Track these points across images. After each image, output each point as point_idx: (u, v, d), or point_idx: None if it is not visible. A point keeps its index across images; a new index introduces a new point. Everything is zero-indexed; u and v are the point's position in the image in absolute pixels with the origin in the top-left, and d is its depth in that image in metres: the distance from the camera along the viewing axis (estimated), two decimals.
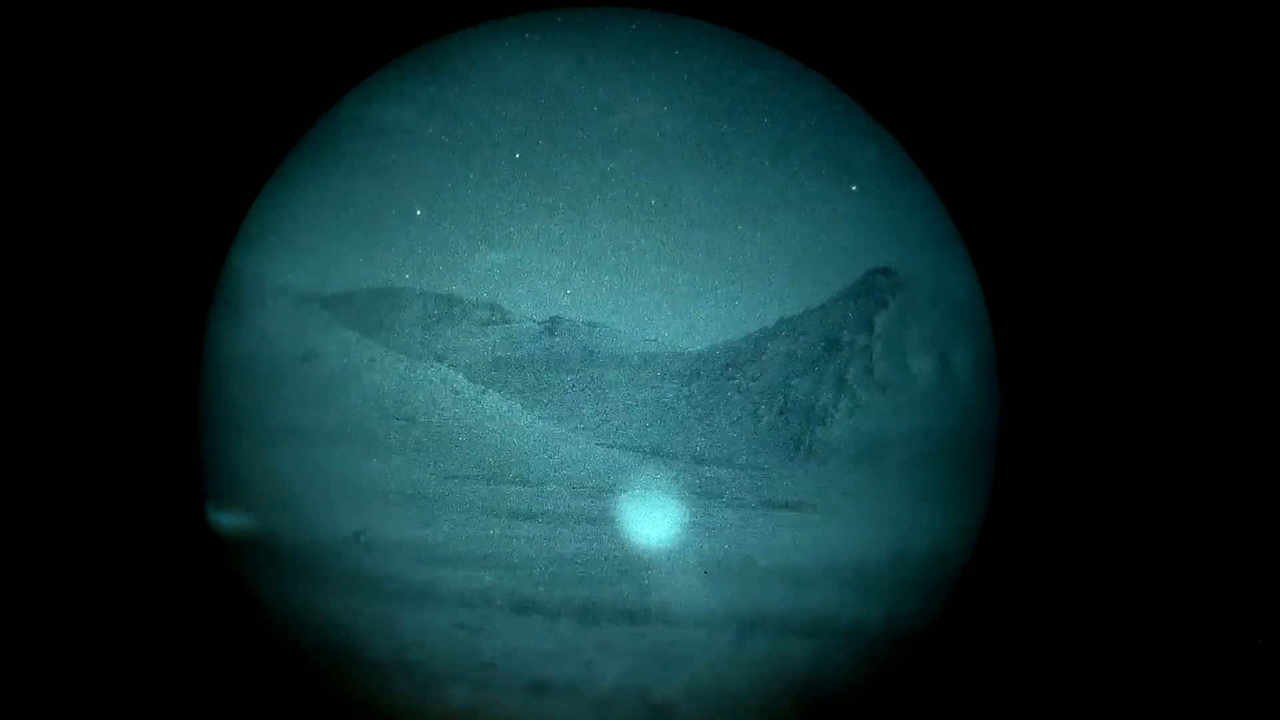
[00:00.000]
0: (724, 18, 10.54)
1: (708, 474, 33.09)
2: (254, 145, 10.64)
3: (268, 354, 31.54)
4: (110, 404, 10.00)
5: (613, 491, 27.60)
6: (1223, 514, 9.26)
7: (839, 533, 21.57)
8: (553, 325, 47.37)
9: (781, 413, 39.18)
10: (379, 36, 10.83)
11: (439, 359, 40.05)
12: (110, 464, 9.95)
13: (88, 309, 10.05)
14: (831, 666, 10.45)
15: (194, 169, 10.36)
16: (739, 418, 39.70)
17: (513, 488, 27.09)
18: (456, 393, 35.22)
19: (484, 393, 36.20)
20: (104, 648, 9.66)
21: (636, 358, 44.83)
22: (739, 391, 40.99)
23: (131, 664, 9.60)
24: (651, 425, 39.64)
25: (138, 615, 9.81)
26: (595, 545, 17.63)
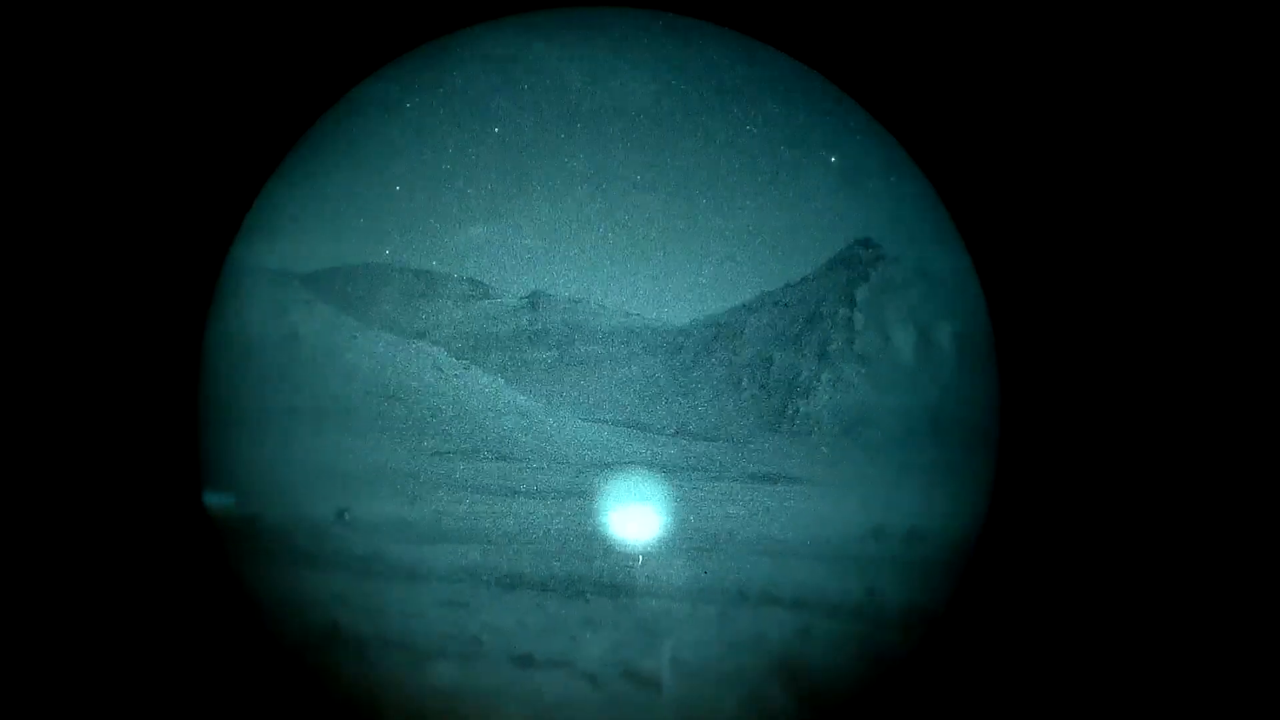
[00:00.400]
0: (725, 17, 10.59)
1: (691, 448, 33.24)
2: (255, 142, 10.63)
3: (249, 335, 31.41)
4: (101, 393, 10.00)
5: (596, 466, 27.70)
6: (1217, 504, 9.35)
7: (822, 505, 21.74)
8: (534, 300, 47.26)
9: (764, 386, 39.35)
10: (381, 35, 10.82)
11: (420, 336, 39.95)
12: (100, 451, 9.96)
13: (79, 300, 10.04)
14: (814, 639, 10.59)
15: (191, 164, 10.35)
16: (721, 391, 39.84)
17: (496, 464, 27.13)
18: (439, 369, 35.18)
19: (466, 369, 36.16)
20: (93, 626, 9.69)
21: (619, 333, 44.84)
22: (722, 365, 41.12)
23: (118, 644, 9.64)
24: (634, 400, 39.73)
25: (126, 596, 9.84)
26: (580, 520, 17.73)
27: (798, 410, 37.33)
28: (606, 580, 12.72)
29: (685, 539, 16.20)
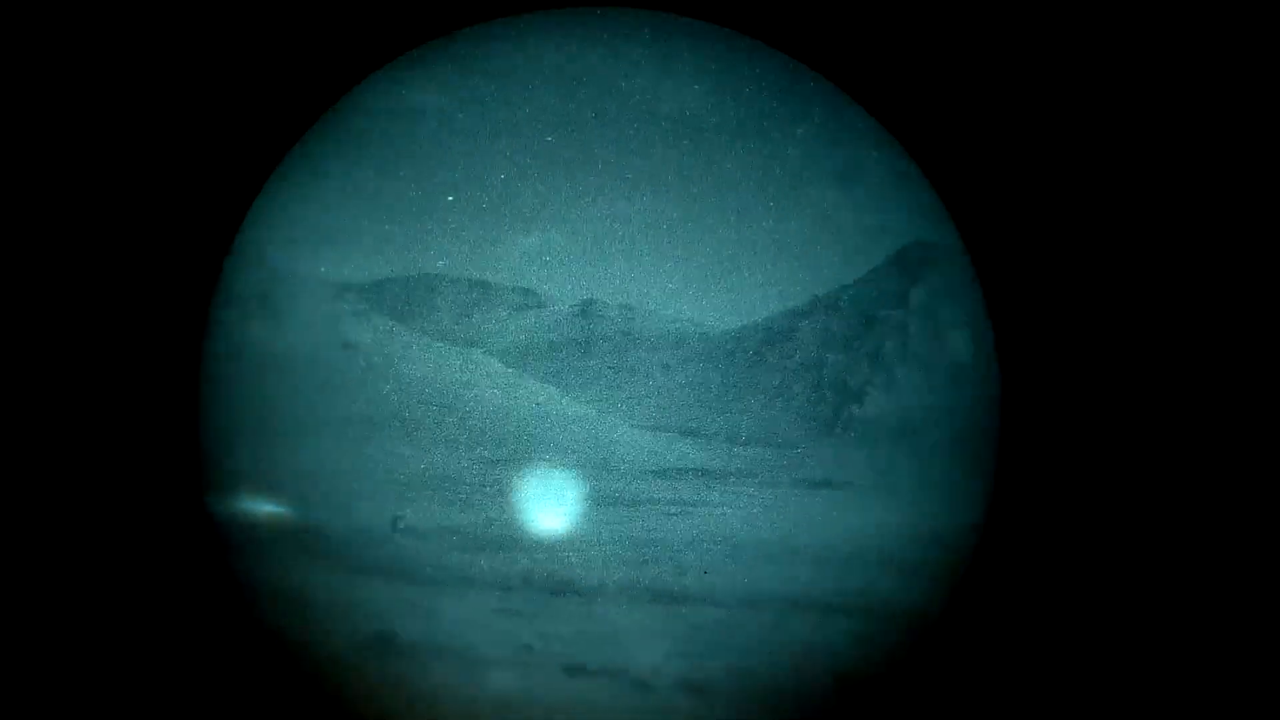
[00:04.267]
0: (726, 18, 10.56)
1: (744, 454, 33.06)
2: (260, 136, 10.64)
3: (304, 346, 31.84)
4: (111, 399, 10.02)
5: (649, 474, 27.66)
6: (1225, 509, 9.19)
7: (876, 511, 21.46)
8: (586, 308, 47.36)
9: (817, 388, 39.04)
10: (401, 22, 10.84)
11: (473, 344, 40.25)
12: (112, 457, 9.97)
13: (103, 302, 10.06)
14: (869, 645, 10.44)
15: (201, 160, 10.37)
16: (774, 396, 39.61)
17: (550, 472, 27.21)
18: (491, 378, 35.40)
19: (519, 377, 36.34)
20: (114, 632, 9.72)
21: (670, 338, 44.78)
22: (774, 370, 40.89)
23: (141, 651, 9.66)
24: (686, 406, 39.65)
25: (144, 605, 9.85)
26: (633, 527, 17.68)
27: (852, 415, 36.97)
28: (660, 586, 12.66)
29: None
